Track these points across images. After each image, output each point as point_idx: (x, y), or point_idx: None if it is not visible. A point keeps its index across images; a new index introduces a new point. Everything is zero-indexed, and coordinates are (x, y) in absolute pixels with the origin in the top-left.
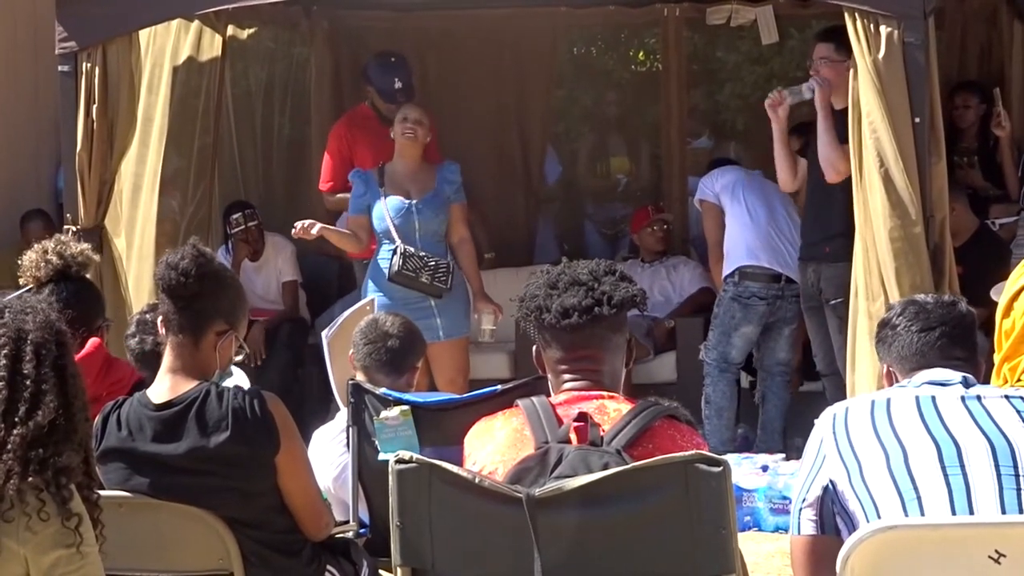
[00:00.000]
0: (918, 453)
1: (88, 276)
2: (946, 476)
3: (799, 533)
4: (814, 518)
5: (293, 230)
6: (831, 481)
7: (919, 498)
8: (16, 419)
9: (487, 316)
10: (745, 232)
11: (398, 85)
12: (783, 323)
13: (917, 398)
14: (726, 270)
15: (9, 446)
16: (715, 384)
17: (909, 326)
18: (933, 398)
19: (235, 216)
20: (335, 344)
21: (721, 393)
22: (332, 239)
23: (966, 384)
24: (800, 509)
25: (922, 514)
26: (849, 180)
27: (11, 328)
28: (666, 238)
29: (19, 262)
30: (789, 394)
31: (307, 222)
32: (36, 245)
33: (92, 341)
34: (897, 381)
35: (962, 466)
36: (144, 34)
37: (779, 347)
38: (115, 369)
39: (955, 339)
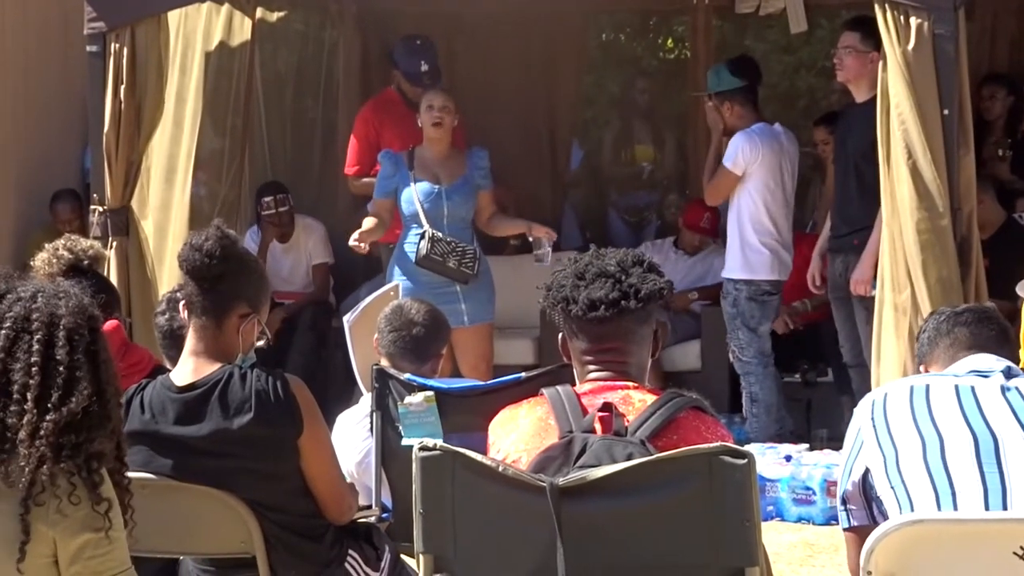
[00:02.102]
0: (955, 445)
1: (100, 271)
2: (982, 472)
3: (850, 525)
4: (862, 508)
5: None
6: (867, 468)
7: (954, 493)
8: (49, 405)
9: (541, 239)
10: (767, 244)
11: (424, 68)
12: (777, 314)
13: (957, 387)
14: (742, 274)
15: (41, 432)
16: (761, 381)
17: (938, 317)
18: (973, 388)
19: (267, 199)
20: (357, 329)
21: (768, 389)
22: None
23: (1008, 374)
24: (844, 500)
25: (956, 509)
26: (878, 171)
27: (44, 313)
28: (715, 230)
29: (31, 263)
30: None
31: (353, 240)
32: (47, 245)
33: (110, 322)
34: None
35: (999, 462)
36: (174, 16)
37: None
38: (132, 353)
39: (982, 318)
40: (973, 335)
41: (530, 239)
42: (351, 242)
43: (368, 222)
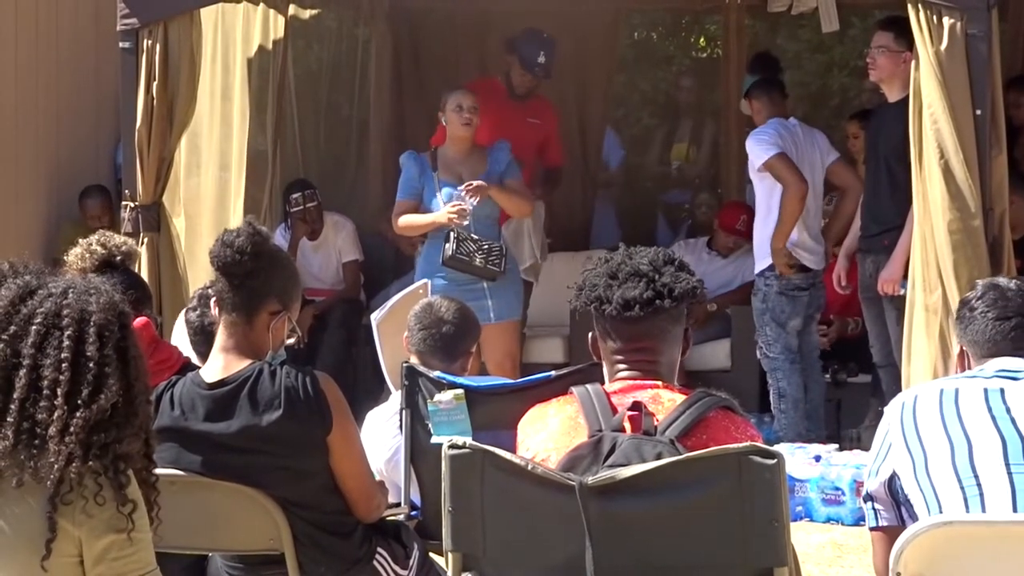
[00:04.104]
0: (983, 447)
1: (133, 268)
2: (1010, 474)
3: (877, 524)
4: (889, 508)
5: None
6: (895, 471)
7: (981, 494)
8: (79, 402)
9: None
10: (794, 239)
11: (542, 59)
12: (816, 310)
13: (986, 390)
14: (770, 260)
15: (72, 429)
16: (788, 377)
17: (986, 312)
18: (1002, 391)
19: (295, 195)
20: (385, 327)
21: (796, 385)
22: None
23: None
24: (870, 499)
25: (983, 511)
26: (910, 171)
27: (75, 309)
28: (748, 235)
29: (65, 258)
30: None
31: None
32: (80, 240)
33: (140, 319)
34: (969, 365)
35: None
36: (211, 13)
37: (811, 333)
38: (160, 350)
39: None
40: (1012, 350)
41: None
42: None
43: (421, 217)
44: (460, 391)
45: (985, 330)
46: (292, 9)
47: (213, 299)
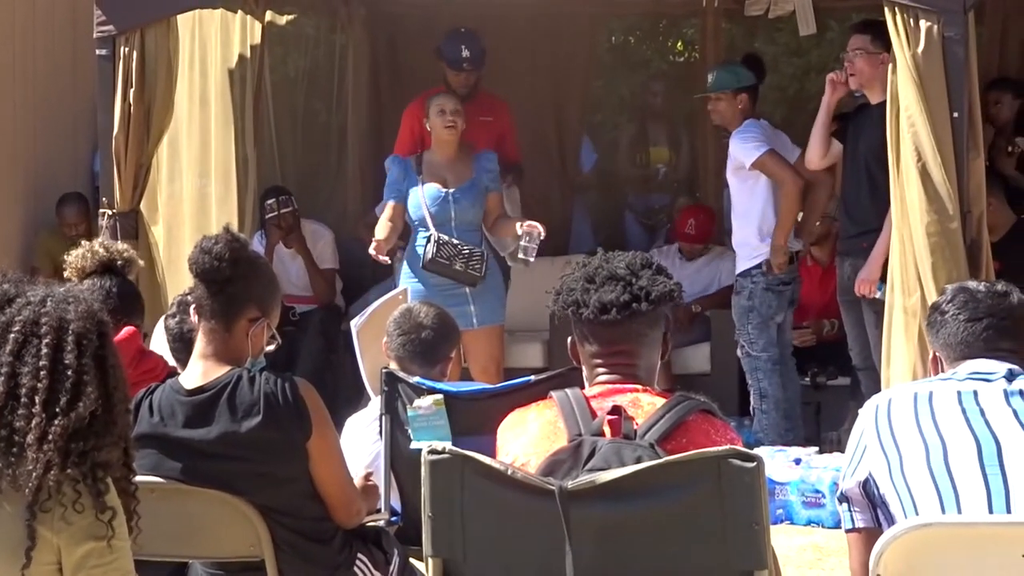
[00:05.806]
0: (958, 449)
1: (130, 276)
2: (985, 475)
3: (853, 526)
4: (865, 509)
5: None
6: (870, 473)
7: (957, 496)
8: (57, 410)
9: (531, 232)
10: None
11: (465, 53)
12: (792, 303)
13: (959, 392)
14: (757, 259)
15: (50, 437)
16: (769, 377)
17: (957, 314)
18: (975, 392)
19: (269, 201)
20: (365, 333)
21: (776, 385)
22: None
23: (1010, 376)
24: (845, 501)
25: (959, 512)
26: (888, 174)
27: (53, 317)
28: (705, 237)
29: (64, 258)
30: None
31: (373, 252)
32: (83, 243)
33: (128, 329)
34: (943, 369)
35: (1001, 466)
36: (188, 20)
37: (786, 328)
38: (147, 359)
39: (1002, 331)
40: (984, 351)
41: (519, 232)
42: (371, 251)
43: (382, 230)
44: (440, 396)
45: (957, 332)
46: (269, 15)
47: (192, 306)
